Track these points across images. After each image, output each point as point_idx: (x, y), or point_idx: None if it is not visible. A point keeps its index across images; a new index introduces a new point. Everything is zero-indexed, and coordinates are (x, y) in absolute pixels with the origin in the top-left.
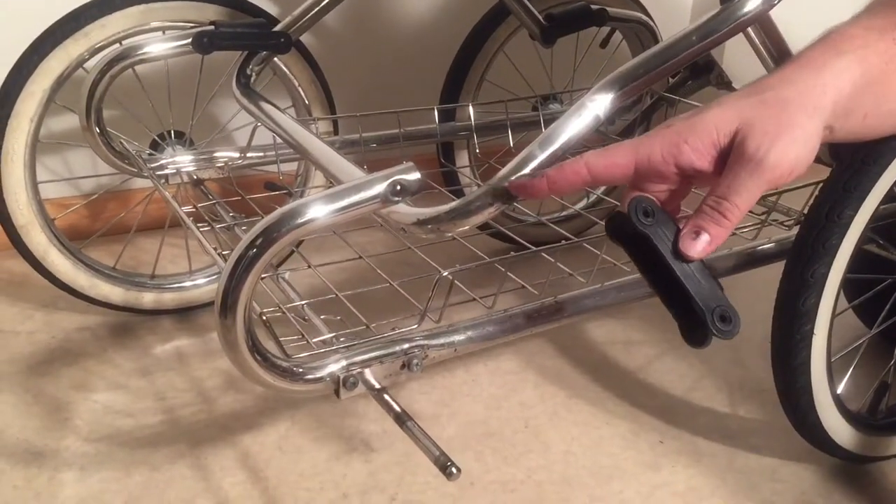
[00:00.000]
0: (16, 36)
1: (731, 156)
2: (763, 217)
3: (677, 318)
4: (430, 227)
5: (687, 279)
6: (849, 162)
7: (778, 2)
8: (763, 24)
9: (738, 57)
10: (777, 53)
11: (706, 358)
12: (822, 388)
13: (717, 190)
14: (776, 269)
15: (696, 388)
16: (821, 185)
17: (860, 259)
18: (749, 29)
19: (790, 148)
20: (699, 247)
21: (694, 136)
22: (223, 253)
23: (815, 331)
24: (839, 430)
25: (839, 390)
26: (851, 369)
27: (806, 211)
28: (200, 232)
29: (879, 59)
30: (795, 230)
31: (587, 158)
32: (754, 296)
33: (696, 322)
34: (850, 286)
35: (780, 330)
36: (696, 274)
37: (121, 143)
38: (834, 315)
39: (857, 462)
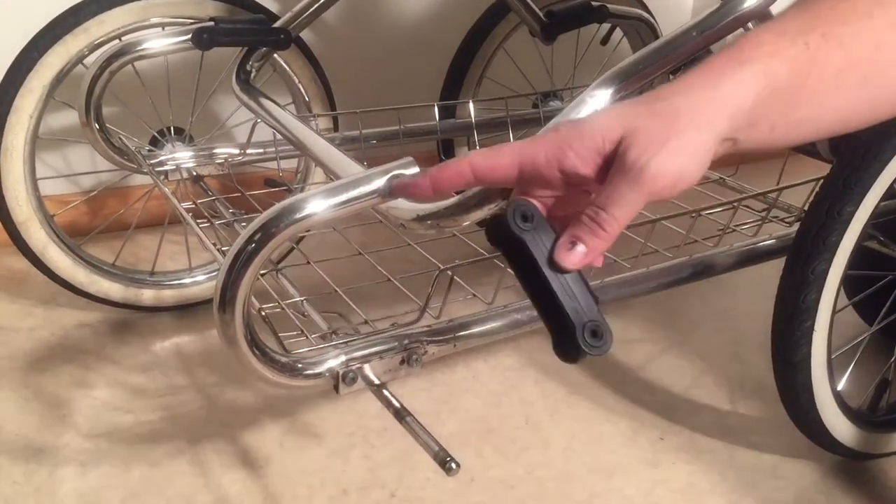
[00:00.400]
0: (15, 32)
1: (613, 165)
2: (764, 214)
3: (550, 331)
4: (429, 222)
5: (560, 291)
6: (849, 158)
7: None
8: (763, 19)
9: None
10: None
11: (706, 355)
12: (823, 385)
13: (597, 200)
14: (777, 266)
15: (696, 385)
16: (821, 181)
17: (861, 256)
18: (749, 24)
19: (673, 160)
20: (574, 258)
21: (579, 142)
22: (223, 249)
23: (815, 327)
24: (839, 426)
25: (839, 387)
26: (852, 366)
27: (806, 207)
28: (200, 228)
29: (787, 68)
30: (796, 227)
31: (472, 158)
32: (755, 292)
33: (567, 336)
34: (850, 283)
35: (780, 326)
36: (572, 286)
37: (120, 139)
38: (834, 312)
39: (857, 459)
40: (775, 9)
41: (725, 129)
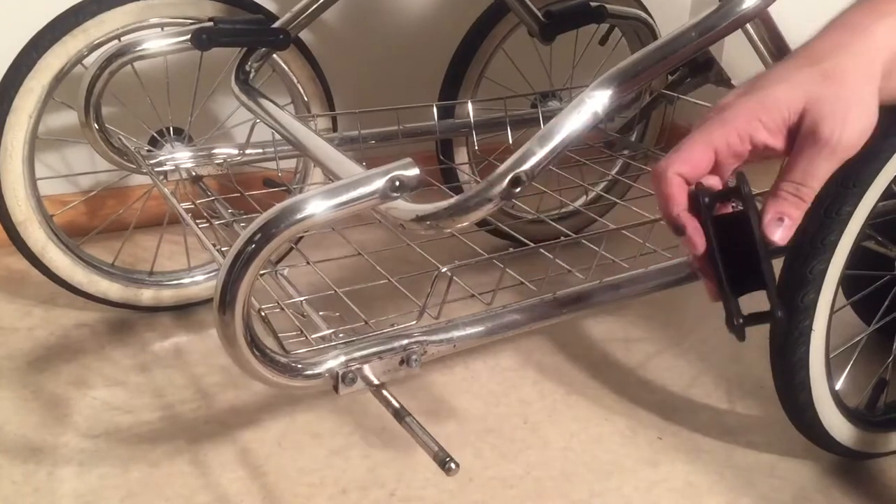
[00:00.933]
0: (15, 32)
1: (802, 138)
2: None
3: (732, 304)
4: (428, 223)
5: (767, 266)
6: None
7: None
8: (762, 20)
9: (737, 54)
10: (776, 50)
11: (705, 355)
12: (821, 385)
13: (794, 174)
14: (775, 266)
15: (694, 384)
16: None
17: (859, 255)
18: (748, 25)
19: (858, 124)
20: (784, 232)
21: (767, 116)
22: (222, 249)
23: (813, 327)
24: (837, 426)
25: (838, 386)
26: (850, 366)
27: None
28: (199, 228)
29: None
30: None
31: (670, 169)
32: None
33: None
34: (848, 282)
35: (778, 326)
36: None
37: (119, 139)
38: (832, 311)
39: (855, 458)
40: (774, 9)
41: (881, 78)
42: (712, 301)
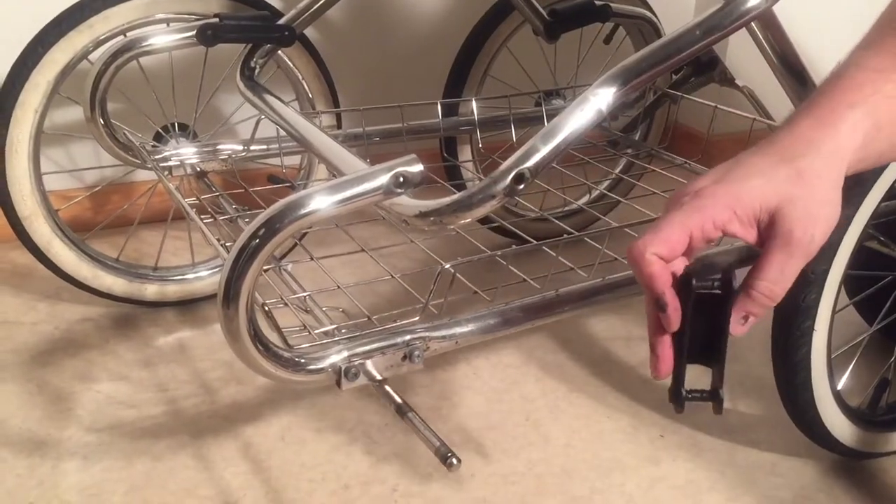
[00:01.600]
0: (21, 27)
1: (776, 238)
2: None
3: (681, 377)
4: (432, 219)
5: (725, 349)
6: None
7: None
8: (766, 19)
9: (741, 53)
10: (780, 49)
11: None
12: (823, 384)
13: (768, 274)
14: None
15: (696, 383)
16: None
17: (861, 255)
18: (753, 25)
19: (827, 225)
20: (746, 329)
21: (741, 209)
22: (226, 245)
23: (815, 327)
24: (839, 425)
25: (839, 386)
26: (852, 365)
27: None
28: (203, 224)
29: (889, 104)
30: None
31: (649, 250)
32: None
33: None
34: (850, 283)
35: (780, 326)
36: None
37: (125, 134)
38: (834, 311)
39: (856, 458)
40: (778, 9)
41: (846, 170)
42: (654, 373)
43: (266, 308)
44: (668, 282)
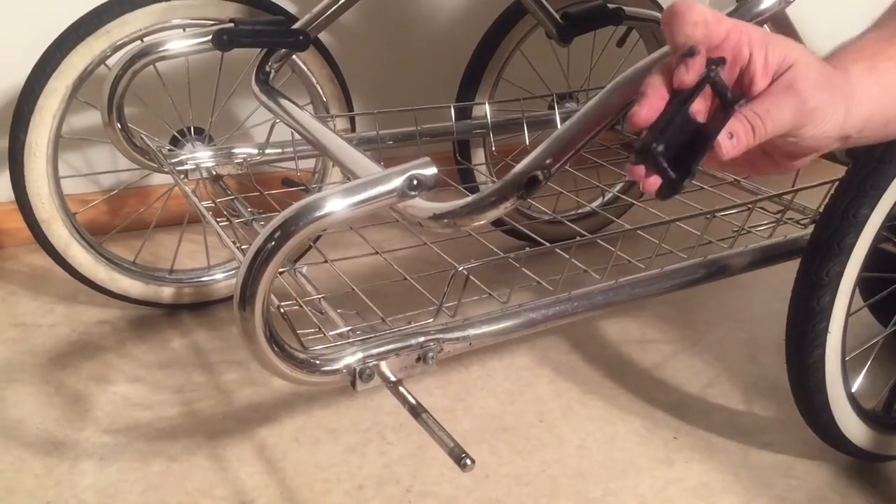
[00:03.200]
0: (40, 33)
1: (779, 82)
2: (779, 215)
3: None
4: (445, 221)
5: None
6: (864, 161)
7: None
8: (779, 21)
9: None
10: None
11: (721, 356)
12: (837, 387)
13: (758, 107)
14: (791, 268)
15: (710, 385)
16: (836, 183)
17: (876, 258)
18: (765, 26)
19: (832, 109)
20: (729, 149)
21: (771, 47)
22: (242, 247)
23: (829, 329)
24: (853, 428)
25: (854, 389)
26: (866, 368)
27: (821, 210)
28: (219, 227)
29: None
30: (811, 229)
31: (699, 7)
32: (769, 294)
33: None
34: (865, 285)
35: (794, 328)
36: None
37: (141, 138)
38: (849, 314)
39: (871, 460)
40: (792, 10)
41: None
42: (633, 116)
43: (282, 310)
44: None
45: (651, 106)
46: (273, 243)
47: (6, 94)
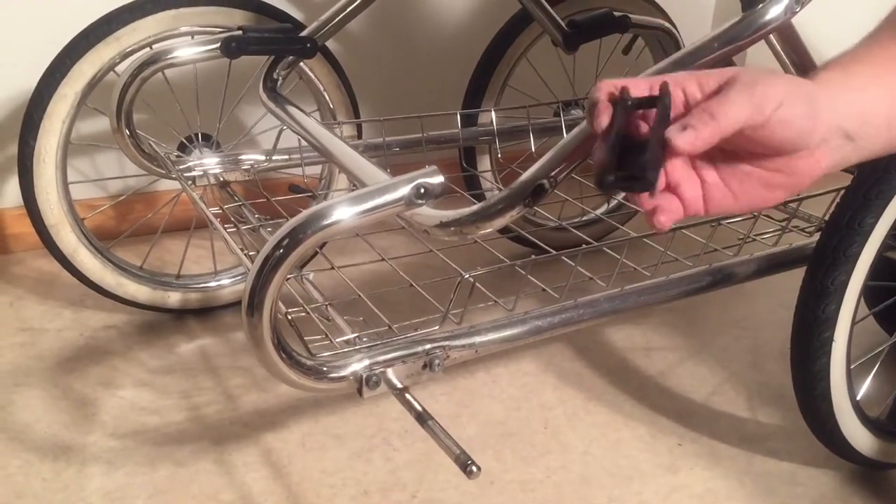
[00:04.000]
0: (49, 39)
1: (738, 83)
2: (784, 223)
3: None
4: (452, 229)
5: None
6: (870, 170)
7: (800, 10)
8: (784, 31)
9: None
10: (799, 61)
11: (726, 363)
12: (842, 395)
13: (710, 105)
14: (797, 276)
15: (715, 392)
16: (842, 192)
17: (881, 266)
18: (771, 37)
19: (780, 89)
20: (685, 137)
21: (703, 77)
22: (249, 253)
23: (834, 337)
24: (858, 436)
25: (858, 397)
26: (871, 376)
27: (827, 218)
28: (227, 233)
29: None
30: (816, 237)
31: (610, 83)
32: (774, 302)
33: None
34: (870, 293)
35: (799, 336)
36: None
37: (150, 145)
38: (854, 322)
39: (875, 468)
40: (797, 21)
41: (848, 126)
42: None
43: (289, 317)
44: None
45: (601, 161)
46: (281, 251)
47: (16, 101)
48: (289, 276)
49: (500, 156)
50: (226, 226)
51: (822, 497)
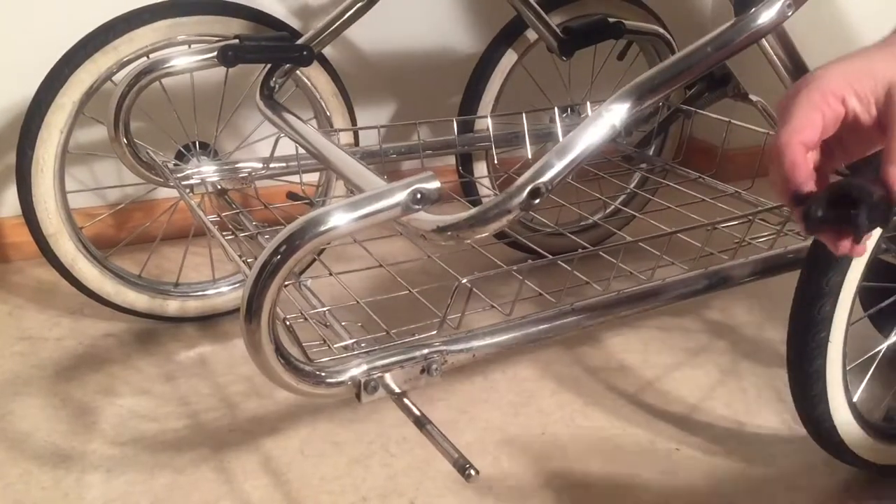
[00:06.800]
0: (47, 49)
1: (888, 119)
2: (779, 227)
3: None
4: (449, 233)
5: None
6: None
7: (792, 13)
8: (778, 35)
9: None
10: (792, 65)
11: (723, 367)
12: (838, 397)
13: (892, 155)
14: (792, 279)
15: (712, 396)
16: None
17: (876, 268)
18: (764, 40)
19: None
20: None
21: (857, 82)
22: (247, 261)
23: (830, 339)
24: (856, 438)
25: (855, 398)
26: (868, 378)
27: None
28: (225, 240)
29: None
30: (811, 240)
31: (795, 137)
32: (771, 304)
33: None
34: (866, 295)
35: (795, 337)
36: None
37: (147, 153)
38: (849, 323)
39: (873, 471)
40: (790, 24)
41: None
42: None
43: (287, 323)
44: (810, 173)
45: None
46: (279, 257)
47: (14, 110)
48: (287, 282)
49: (496, 162)
50: (224, 233)
51: (820, 501)
